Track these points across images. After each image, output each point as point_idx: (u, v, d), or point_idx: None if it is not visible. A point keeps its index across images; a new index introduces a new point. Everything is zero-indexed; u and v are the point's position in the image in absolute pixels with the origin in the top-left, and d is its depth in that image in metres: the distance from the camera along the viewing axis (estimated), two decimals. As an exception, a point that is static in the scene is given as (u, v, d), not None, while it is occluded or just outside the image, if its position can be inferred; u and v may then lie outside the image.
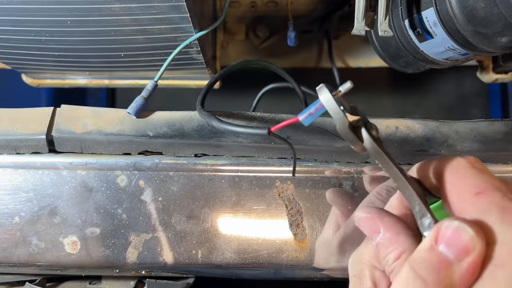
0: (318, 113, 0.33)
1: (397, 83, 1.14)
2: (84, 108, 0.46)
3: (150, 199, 0.44)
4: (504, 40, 0.40)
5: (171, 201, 0.44)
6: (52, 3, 0.41)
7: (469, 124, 0.45)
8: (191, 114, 0.45)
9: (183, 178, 0.44)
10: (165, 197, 0.44)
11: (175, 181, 0.44)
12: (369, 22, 0.46)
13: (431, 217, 0.30)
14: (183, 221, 0.44)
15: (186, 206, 0.44)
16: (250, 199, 0.44)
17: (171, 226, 0.43)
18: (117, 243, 0.44)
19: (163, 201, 0.44)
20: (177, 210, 0.44)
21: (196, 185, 0.44)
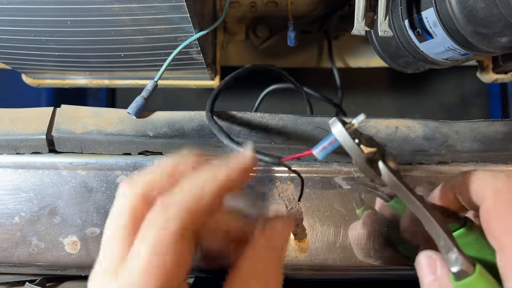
0: (332, 147, 0.32)
1: (397, 83, 1.14)
2: (84, 108, 0.46)
3: (150, 199, 0.44)
4: (504, 40, 0.40)
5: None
6: (52, 3, 0.41)
7: (469, 124, 0.45)
8: (191, 114, 0.45)
9: (183, 178, 0.44)
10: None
11: (175, 181, 0.44)
12: (369, 22, 0.46)
13: (457, 252, 0.29)
14: (183, 221, 0.44)
15: (186, 206, 0.44)
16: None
17: (171, 226, 0.43)
18: (117, 243, 0.43)
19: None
20: (177, 210, 0.44)
21: (196, 185, 0.44)
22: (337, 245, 0.44)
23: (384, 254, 0.43)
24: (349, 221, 0.44)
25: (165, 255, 0.26)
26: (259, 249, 0.30)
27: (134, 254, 0.27)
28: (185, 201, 0.27)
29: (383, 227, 0.43)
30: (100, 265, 0.28)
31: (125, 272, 0.26)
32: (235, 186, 0.29)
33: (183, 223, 0.27)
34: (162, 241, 0.26)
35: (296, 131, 0.44)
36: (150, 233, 0.26)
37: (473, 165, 0.45)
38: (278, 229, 0.31)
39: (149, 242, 0.26)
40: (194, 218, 0.27)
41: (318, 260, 0.44)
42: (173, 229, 0.26)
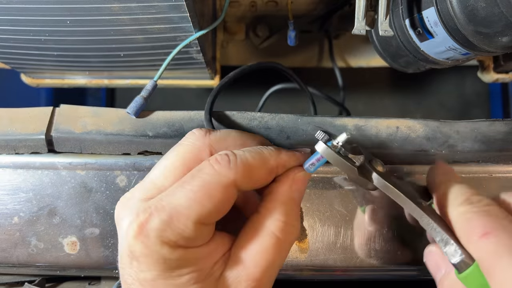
0: (320, 163, 0.35)
1: (397, 83, 1.14)
2: (83, 108, 0.45)
3: (150, 199, 0.43)
4: (505, 40, 0.40)
5: (170, 202, 0.43)
6: (52, 3, 0.41)
7: (470, 124, 0.45)
8: (191, 114, 0.45)
9: (182, 178, 0.44)
10: (165, 197, 0.43)
11: (175, 181, 0.44)
12: (370, 22, 0.46)
13: (455, 244, 0.30)
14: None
15: (185, 206, 0.43)
16: (250, 199, 0.44)
17: (171, 226, 0.43)
18: (117, 243, 0.43)
19: (163, 202, 0.43)
20: (176, 210, 0.43)
21: (196, 185, 0.44)
22: (338, 246, 0.44)
23: (387, 254, 0.43)
24: (350, 221, 0.44)
25: (213, 196, 0.29)
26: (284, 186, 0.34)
27: (185, 183, 0.29)
28: (248, 160, 0.31)
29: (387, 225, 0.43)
30: (132, 192, 0.32)
31: (167, 196, 0.29)
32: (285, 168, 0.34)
33: (239, 176, 0.30)
34: (215, 183, 0.29)
35: (297, 131, 0.44)
36: (207, 171, 0.29)
37: (474, 165, 0.44)
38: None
39: (203, 178, 0.29)
40: (249, 178, 0.31)
41: (319, 260, 0.43)
42: (230, 177, 0.29)
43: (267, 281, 0.32)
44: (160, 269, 0.29)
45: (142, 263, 0.29)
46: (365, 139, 0.44)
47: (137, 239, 0.29)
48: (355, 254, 0.43)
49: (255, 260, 0.31)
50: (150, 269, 0.29)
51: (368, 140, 0.44)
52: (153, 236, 0.28)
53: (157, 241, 0.28)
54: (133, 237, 0.29)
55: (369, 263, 0.43)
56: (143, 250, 0.29)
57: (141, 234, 0.29)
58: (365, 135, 0.44)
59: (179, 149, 0.33)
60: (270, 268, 0.32)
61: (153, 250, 0.28)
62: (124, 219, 0.30)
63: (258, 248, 0.31)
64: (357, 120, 0.44)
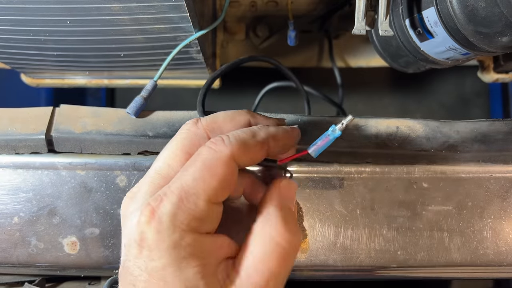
0: (325, 145, 0.37)
1: (397, 83, 1.14)
2: (83, 108, 0.45)
3: (150, 199, 0.43)
4: (505, 40, 0.40)
5: (170, 202, 0.43)
6: (51, 3, 0.41)
7: (470, 124, 0.45)
8: (191, 114, 0.45)
9: (182, 178, 0.44)
10: (165, 198, 0.43)
11: (175, 181, 0.44)
12: (370, 22, 0.46)
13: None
14: (182, 221, 0.43)
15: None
16: (250, 199, 0.44)
17: (171, 226, 0.43)
18: (117, 243, 0.43)
19: (163, 202, 0.43)
20: (176, 210, 0.43)
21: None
22: (338, 246, 0.44)
23: (387, 254, 0.43)
24: (350, 221, 0.44)
25: (216, 172, 0.30)
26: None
27: (188, 167, 0.31)
28: (240, 135, 0.32)
29: (387, 224, 0.43)
30: (138, 186, 0.33)
31: (174, 182, 0.30)
32: (278, 145, 0.35)
33: (235, 150, 0.31)
34: (215, 160, 0.31)
35: (296, 131, 0.44)
36: (206, 152, 0.31)
37: (474, 165, 0.44)
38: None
39: (203, 158, 0.31)
40: (244, 151, 0.32)
41: (319, 260, 0.43)
42: (227, 152, 0.31)
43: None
44: (171, 257, 0.29)
45: (153, 251, 0.29)
46: (365, 139, 0.44)
47: (150, 224, 0.29)
48: (355, 254, 0.43)
49: (257, 269, 0.31)
50: (161, 257, 0.29)
51: (368, 140, 0.44)
52: (165, 220, 0.29)
53: (170, 225, 0.29)
54: (145, 224, 0.29)
55: (369, 263, 0.43)
56: (156, 235, 0.29)
57: (154, 219, 0.29)
58: (365, 135, 0.44)
59: (176, 138, 0.34)
60: (274, 277, 0.31)
61: (166, 235, 0.29)
62: (133, 211, 0.31)
63: (260, 256, 0.31)
64: (357, 120, 0.45)
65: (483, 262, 0.44)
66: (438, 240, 0.43)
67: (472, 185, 0.44)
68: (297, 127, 0.38)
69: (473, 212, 0.44)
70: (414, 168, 0.44)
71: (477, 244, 0.44)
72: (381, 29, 0.45)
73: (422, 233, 0.43)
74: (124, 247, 0.31)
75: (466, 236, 0.44)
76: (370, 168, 0.44)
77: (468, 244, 0.44)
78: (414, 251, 0.43)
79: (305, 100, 0.63)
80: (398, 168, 0.44)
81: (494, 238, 0.44)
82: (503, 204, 0.44)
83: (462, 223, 0.44)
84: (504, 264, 0.44)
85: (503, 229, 0.44)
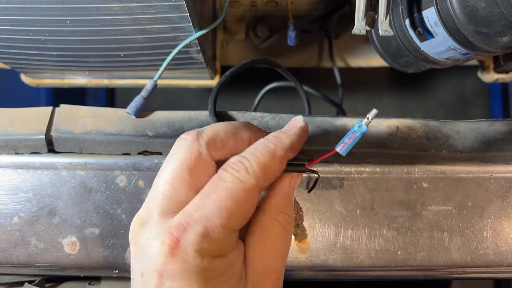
0: (353, 142, 0.36)
1: (397, 83, 1.14)
2: (83, 108, 0.45)
3: (150, 199, 0.43)
4: (505, 40, 0.40)
5: (170, 202, 0.43)
6: (51, 3, 0.41)
7: (470, 124, 0.45)
8: (191, 114, 0.45)
9: (182, 178, 0.44)
10: (165, 198, 0.43)
11: (175, 181, 0.44)
12: (370, 22, 0.46)
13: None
14: (182, 221, 0.43)
15: (185, 206, 0.43)
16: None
17: (171, 226, 0.43)
18: (117, 243, 0.43)
19: (163, 202, 0.43)
20: (176, 210, 0.43)
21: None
22: (338, 246, 0.43)
23: (387, 254, 0.43)
24: (350, 221, 0.44)
25: (241, 202, 0.30)
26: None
27: (210, 194, 0.30)
28: (261, 160, 0.31)
29: (387, 224, 0.43)
30: (147, 210, 0.31)
31: (196, 210, 0.29)
32: (294, 153, 0.35)
33: (260, 179, 0.31)
34: (241, 190, 0.30)
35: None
36: (230, 180, 0.30)
37: (474, 165, 0.44)
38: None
39: (227, 187, 0.30)
40: (267, 176, 0.32)
41: (319, 260, 0.43)
42: (252, 182, 0.30)
43: (283, 269, 0.35)
44: (202, 282, 0.29)
45: (179, 280, 0.29)
46: (365, 139, 0.44)
47: (174, 256, 0.28)
48: (355, 254, 0.43)
49: (270, 252, 0.33)
50: (189, 284, 0.29)
51: (368, 140, 0.44)
52: (191, 250, 0.28)
53: (196, 255, 0.28)
54: (167, 256, 0.28)
55: (369, 263, 0.43)
56: (183, 266, 0.28)
57: (178, 250, 0.28)
58: (365, 135, 0.44)
59: (179, 158, 0.32)
60: (283, 257, 0.34)
61: (193, 265, 0.28)
62: (150, 240, 0.30)
63: (270, 240, 0.34)
64: (357, 120, 0.44)
65: (483, 262, 0.44)
66: (438, 240, 0.43)
67: (472, 185, 0.44)
68: (303, 121, 0.38)
69: (473, 212, 0.44)
70: (414, 168, 0.44)
71: (477, 244, 0.44)
72: (381, 29, 0.45)
73: (422, 233, 0.43)
74: (141, 276, 0.30)
75: (466, 236, 0.44)
76: (370, 168, 0.44)
77: (468, 244, 0.44)
78: (414, 251, 0.43)
79: (305, 100, 0.63)
80: (398, 168, 0.44)
81: (494, 238, 0.44)
82: (503, 204, 0.44)
83: (462, 223, 0.44)
84: (504, 264, 0.44)
85: (503, 229, 0.44)
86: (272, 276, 0.33)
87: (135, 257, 0.31)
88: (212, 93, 0.46)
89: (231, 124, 0.35)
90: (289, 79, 0.58)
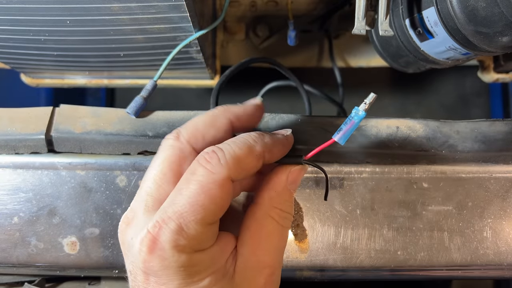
0: (351, 130, 0.35)
1: (397, 83, 1.13)
2: (83, 108, 0.45)
3: (150, 199, 0.43)
4: (505, 40, 0.40)
5: (170, 202, 0.43)
6: (51, 3, 0.41)
7: (470, 124, 0.45)
8: (191, 114, 0.45)
9: (182, 178, 0.44)
10: (165, 198, 0.43)
11: (175, 181, 0.44)
12: (370, 22, 0.46)
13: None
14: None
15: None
16: (250, 199, 0.44)
17: (171, 226, 0.43)
18: (117, 243, 0.43)
19: (163, 202, 0.43)
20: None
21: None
22: (338, 246, 0.43)
23: (387, 254, 0.43)
24: (350, 221, 0.44)
25: (213, 195, 0.30)
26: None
27: (182, 189, 0.30)
28: (235, 152, 0.31)
29: (387, 224, 0.43)
30: (133, 210, 0.32)
31: (169, 206, 0.29)
32: (274, 156, 0.34)
33: (232, 170, 0.30)
34: (212, 182, 0.30)
35: (297, 131, 0.44)
36: (201, 173, 0.30)
37: (474, 165, 0.44)
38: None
39: (198, 180, 0.30)
40: (241, 169, 0.31)
41: (319, 260, 0.43)
42: (224, 174, 0.30)
43: (278, 266, 0.34)
44: (182, 278, 0.29)
45: (162, 276, 0.29)
46: (365, 139, 0.44)
47: (153, 253, 0.29)
48: (355, 254, 0.43)
49: (264, 248, 0.33)
50: (171, 280, 0.29)
51: (368, 140, 0.44)
52: (168, 247, 0.29)
53: (173, 251, 0.29)
54: (147, 253, 0.29)
55: (369, 263, 0.43)
56: (160, 263, 0.29)
57: (156, 248, 0.29)
58: (365, 135, 0.44)
59: (161, 156, 0.33)
60: (278, 253, 0.34)
61: (172, 261, 0.29)
62: (133, 238, 0.31)
63: (264, 236, 0.33)
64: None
65: (483, 262, 0.44)
66: (438, 240, 0.43)
67: (472, 185, 0.44)
68: (291, 133, 0.37)
69: (473, 212, 0.44)
70: (414, 168, 0.44)
71: (477, 244, 0.44)
72: (381, 29, 0.45)
73: (422, 233, 0.43)
74: (130, 274, 0.31)
75: (466, 236, 0.44)
76: (370, 168, 0.44)
77: (468, 244, 0.44)
78: (414, 251, 0.43)
79: (306, 100, 0.63)
80: (398, 168, 0.44)
81: (494, 238, 0.44)
82: (503, 204, 0.44)
83: (462, 223, 0.44)
84: (504, 264, 0.44)
85: (503, 229, 0.44)
86: (266, 272, 0.33)
87: (124, 255, 0.32)
88: (212, 94, 0.46)
89: (209, 113, 0.35)
90: (289, 77, 0.58)
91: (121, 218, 0.33)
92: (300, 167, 0.36)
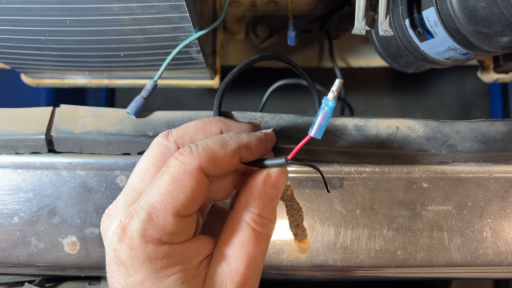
0: (326, 121, 0.34)
1: (397, 83, 1.14)
2: (83, 108, 0.45)
3: (150, 199, 0.43)
4: (505, 40, 0.40)
5: (170, 202, 0.43)
6: (52, 3, 0.41)
7: (470, 124, 0.45)
8: (191, 114, 0.45)
9: (182, 178, 0.44)
10: (165, 197, 0.43)
11: (175, 181, 0.44)
12: (370, 22, 0.46)
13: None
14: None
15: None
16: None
17: (171, 226, 0.43)
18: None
19: (163, 202, 0.43)
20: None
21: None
22: (338, 246, 0.44)
23: (387, 254, 0.43)
24: (350, 221, 0.44)
25: (183, 186, 0.30)
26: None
27: (156, 180, 0.30)
28: (209, 145, 0.32)
29: (387, 224, 0.43)
30: (115, 203, 0.33)
31: (142, 197, 0.30)
32: (251, 152, 0.34)
33: (204, 162, 0.31)
34: (183, 173, 0.30)
35: (297, 131, 0.44)
36: (173, 164, 0.30)
37: (474, 165, 0.44)
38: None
39: (170, 171, 0.30)
40: (213, 162, 0.31)
41: (319, 260, 0.43)
42: (195, 164, 0.30)
43: (251, 274, 0.32)
44: (147, 270, 0.29)
45: (129, 267, 0.29)
46: (365, 139, 0.44)
47: (122, 242, 0.29)
48: (355, 254, 0.43)
49: (236, 255, 0.32)
50: (137, 271, 0.29)
51: (368, 140, 0.44)
52: (136, 237, 0.29)
53: (141, 241, 0.29)
54: (117, 242, 0.29)
55: (369, 263, 0.43)
56: (129, 252, 0.29)
57: (125, 237, 0.29)
58: (365, 135, 0.44)
59: (148, 152, 0.34)
60: (252, 262, 0.32)
61: (139, 251, 0.29)
62: (109, 228, 0.31)
63: (237, 242, 0.32)
64: (357, 120, 0.45)
65: (483, 262, 0.44)
66: (438, 240, 0.44)
67: (472, 185, 0.44)
68: (272, 131, 0.37)
69: (473, 212, 0.44)
70: (414, 168, 0.44)
71: (477, 244, 0.44)
72: (381, 29, 0.45)
73: (422, 233, 0.43)
74: (106, 266, 0.31)
75: (466, 236, 0.44)
76: (370, 168, 0.44)
77: (468, 244, 0.44)
78: (414, 251, 0.43)
79: (317, 99, 0.62)
80: (398, 168, 0.44)
81: (494, 238, 0.44)
82: (503, 204, 0.44)
83: (462, 223, 0.44)
84: (504, 264, 0.44)
85: (503, 229, 0.44)
86: (237, 281, 0.31)
87: (105, 247, 0.32)
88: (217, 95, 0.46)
89: (202, 120, 0.37)
90: (301, 75, 0.57)
91: (105, 211, 0.33)
92: (279, 171, 0.35)
